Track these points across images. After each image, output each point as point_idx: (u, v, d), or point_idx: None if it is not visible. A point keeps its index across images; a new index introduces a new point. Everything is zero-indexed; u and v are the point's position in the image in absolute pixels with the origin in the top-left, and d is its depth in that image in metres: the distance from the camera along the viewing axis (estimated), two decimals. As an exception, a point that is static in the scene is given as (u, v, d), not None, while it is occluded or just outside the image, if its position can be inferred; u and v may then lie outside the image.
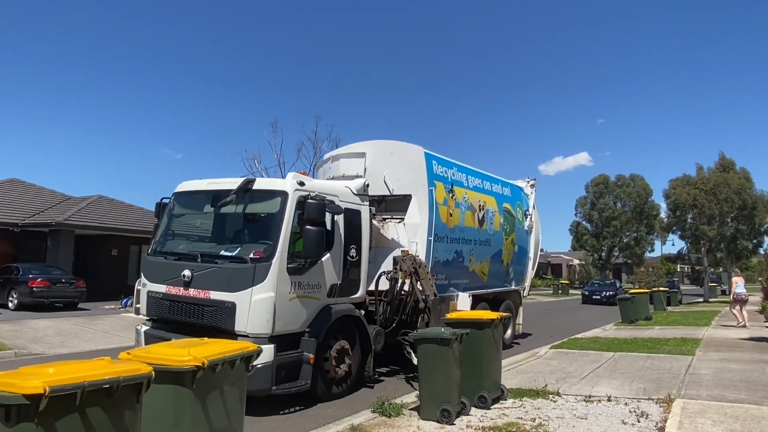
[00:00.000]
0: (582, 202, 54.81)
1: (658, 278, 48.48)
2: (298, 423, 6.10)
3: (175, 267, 6.99)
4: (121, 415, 2.76)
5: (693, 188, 36.32)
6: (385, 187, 9.00)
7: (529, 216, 13.16)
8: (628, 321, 18.16)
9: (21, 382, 2.41)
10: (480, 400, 6.44)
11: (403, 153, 9.32)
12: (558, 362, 9.98)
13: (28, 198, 24.91)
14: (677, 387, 7.62)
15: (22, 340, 11.43)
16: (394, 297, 8.27)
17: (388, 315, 8.30)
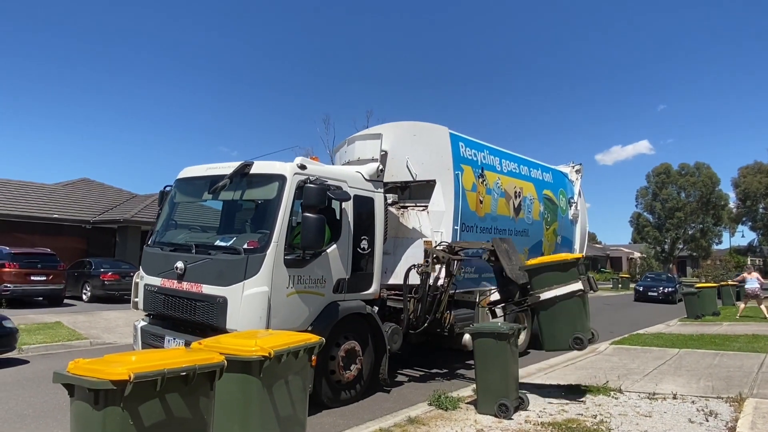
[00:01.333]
0: (643, 192, 52.81)
1: (727, 272, 46.07)
2: (357, 414, 6.22)
3: (170, 259, 6.50)
4: (197, 401, 2.92)
5: (765, 176, 34.28)
6: (408, 172, 8.36)
7: (573, 204, 12.28)
8: (694, 316, 17.39)
9: (107, 369, 2.61)
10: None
11: (426, 135, 8.54)
12: (619, 358, 9.70)
13: (98, 196, 26.42)
14: (749, 386, 7.26)
15: (96, 330, 12.14)
16: (426, 293, 7.49)
17: (420, 313, 7.58)
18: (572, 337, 6.46)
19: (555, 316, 6.64)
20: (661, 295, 27.69)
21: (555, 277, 6.67)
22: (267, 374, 3.52)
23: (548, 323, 6.75)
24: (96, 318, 13.66)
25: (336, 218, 6.70)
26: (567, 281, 6.60)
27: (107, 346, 10.67)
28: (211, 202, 7.32)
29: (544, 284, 6.71)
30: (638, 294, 28.86)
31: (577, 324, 6.58)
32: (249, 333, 4.25)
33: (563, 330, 6.59)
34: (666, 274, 35.20)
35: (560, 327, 6.61)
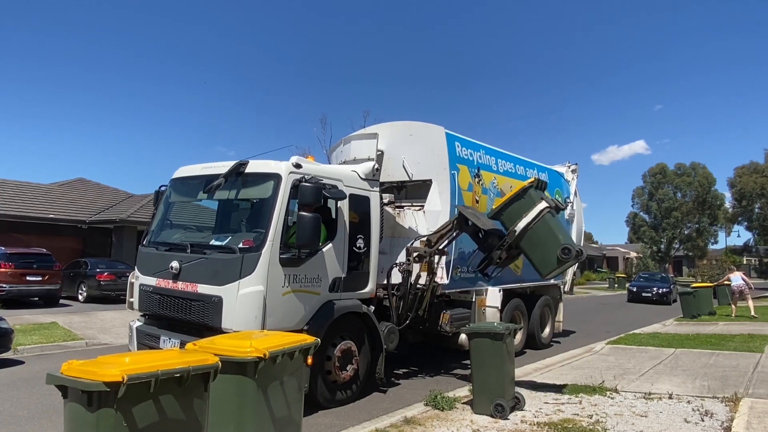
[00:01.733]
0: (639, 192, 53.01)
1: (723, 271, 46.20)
2: (353, 414, 6.21)
3: (165, 258, 6.50)
4: (191, 403, 2.91)
5: (761, 176, 34.41)
6: (404, 172, 8.36)
7: (569, 204, 12.26)
8: (690, 316, 17.45)
9: (101, 371, 2.59)
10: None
11: (422, 134, 8.54)
12: (615, 358, 9.72)
13: (94, 196, 26.34)
14: (744, 385, 7.29)
15: (91, 330, 12.10)
16: (408, 291, 7.54)
17: (401, 311, 7.62)
18: (560, 249, 6.57)
19: (537, 240, 6.80)
20: (656, 295, 26.73)
21: (519, 207, 6.88)
22: (262, 375, 3.51)
23: (534, 250, 6.87)
24: (92, 318, 13.62)
25: (332, 217, 6.71)
26: (531, 207, 6.81)
27: (103, 347, 10.64)
28: (207, 201, 7.27)
29: (514, 218, 6.88)
30: (632, 295, 27.87)
31: (560, 236, 6.75)
32: (244, 334, 4.25)
33: (549, 248, 6.70)
34: (660, 274, 33.86)
35: (546, 247, 6.74)
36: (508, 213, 6.97)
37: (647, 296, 26.70)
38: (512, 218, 6.92)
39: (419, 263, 7.55)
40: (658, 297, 26.49)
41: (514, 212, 6.92)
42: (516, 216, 6.88)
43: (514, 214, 6.90)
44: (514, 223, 6.86)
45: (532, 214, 6.76)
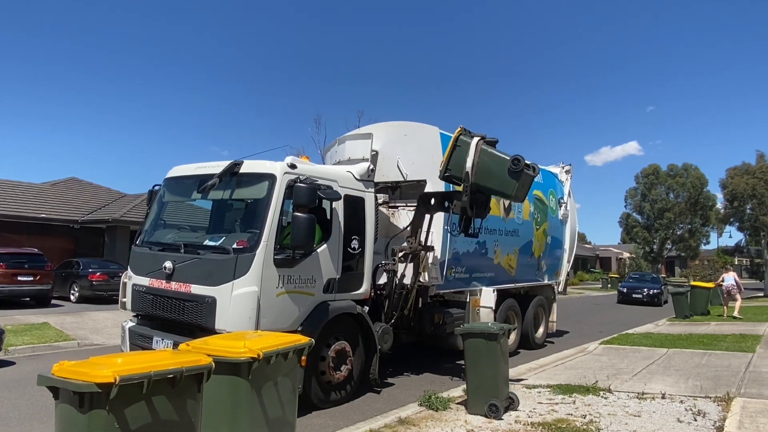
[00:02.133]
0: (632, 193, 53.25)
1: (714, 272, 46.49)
2: (347, 414, 6.20)
3: (158, 258, 6.45)
4: (184, 404, 2.89)
5: (752, 177, 34.67)
6: (399, 172, 8.38)
7: (563, 204, 12.32)
8: (682, 316, 17.54)
9: (93, 372, 2.57)
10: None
11: (416, 135, 8.53)
12: (608, 358, 9.76)
13: (86, 196, 26.19)
14: (736, 385, 7.33)
15: (84, 331, 12.02)
16: (393, 290, 7.58)
17: (387, 310, 7.61)
18: (509, 163, 6.83)
19: (487, 168, 7.03)
20: (646, 297, 26.15)
21: (459, 154, 7.18)
22: (256, 376, 3.49)
23: (489, 178, 7.06)
24: (84, 319, 13.52)
25: (326, 218, 6.69)
26: (467, 147, 7.12)
27: (95, 347, 10.57)
28: (201, 201, 7.25)
29: (461, 165, 7.14)
30: (622, 296, 27.10)
31: (504, 157, 6.97)
32: (237, 334, 4.22)
33: (500, 169, 6.96)
34: (651, 275, 33.09)
35: (497, 170, 6.99)
36: (454, 166, 7.22)
37: (638, 297, 26.21)
38: (460, 167, 7.14)
39: (404, 262, 7.56)
40: (648, 298, 26.00)
41: (458, 162, 7.17)
42: (461, 162, 7.12)
43: (459, 162, 7.15)
44: (463, 168, 7.08)
45: (472, 151, 7.03)
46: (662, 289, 26.79)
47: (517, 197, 7.27)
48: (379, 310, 7.64)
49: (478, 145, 7.05)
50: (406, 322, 8.11)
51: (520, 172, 6.80)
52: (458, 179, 7.27)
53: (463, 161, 7.10)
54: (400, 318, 7.81)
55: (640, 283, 28.01)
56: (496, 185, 7.09)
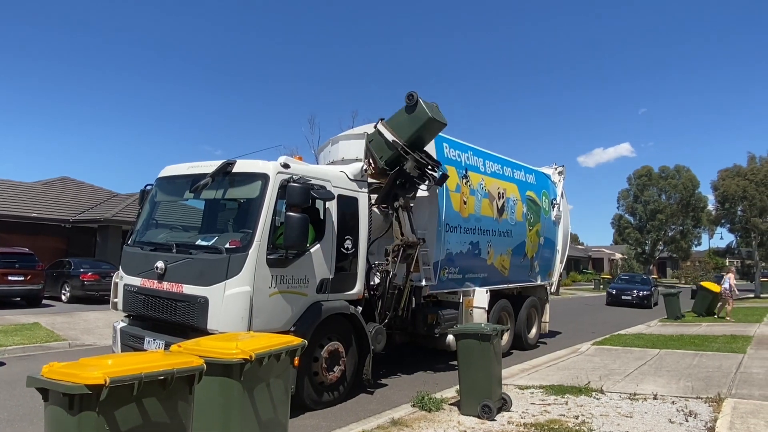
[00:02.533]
0: (624, 194, 53.53)
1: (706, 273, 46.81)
2: (339, 416, 6.18)
3: (150, 258, 6.41)
4: (175, 406, 2.86)
5: (743, 179, 34.89)
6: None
7: (556, 205, 12.39)
8: (674, 317, 17.64)
9: (83, 373, 2.54)
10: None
11: None
12: (601, 359, 9.79)
13: (78, 195, 26.00)
14: (727, 386, 7.37)
15: (75, 331, 11.93)
16: (386, 291, 7.60)
17: (380, 311, 7.62)
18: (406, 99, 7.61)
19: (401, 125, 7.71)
20: (636, 298, 25.44)
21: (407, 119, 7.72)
22: (248, 377, 3.47)
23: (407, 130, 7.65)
24: (75, 319, 13.42)
25: (319, 218, 6.68)
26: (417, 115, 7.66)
27: (86, 348, 10.49)
28: (193, 201, 7.22)
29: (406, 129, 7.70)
30: (611, 297, 26.27)
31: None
32: (229, 335, 4.20)
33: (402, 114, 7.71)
34: (642, 276, 32.38)
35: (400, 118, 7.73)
36: (382, 152, 7.74)
37: (627, 299, 25.52)
38: (386, 149, 7.68)
39: (396, 261, 7.59)
40: (638, 300, 25.32)
41: (381, 148, 7.72)
42: (384, 145, 7.70)
43: (383, 146, 7.70)
44: (388, 147, 7.66)
45: (383, 130, 7.71)
46: (652, 290, 26.24)
47: (433, 117, 7.58)
48: (372, 311, 7.63)
49: (382, 123, 7.78)
50: (400, 322, 8.11)
51: (416, 103, 7.49)
52: (395, 155, 7.66)
53: (384, 143, 7.65)
54: (393, 318, 7.82)
55: (630, 285, 27.34)
56: (415, 125, 7.57)
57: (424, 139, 7.87)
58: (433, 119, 7.56)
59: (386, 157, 7.70)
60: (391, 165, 7.71)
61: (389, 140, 7.62)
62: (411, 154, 7.58)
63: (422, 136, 7.73)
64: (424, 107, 7.53)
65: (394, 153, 7.63)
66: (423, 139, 7.82)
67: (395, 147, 7.58)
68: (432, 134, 7.97)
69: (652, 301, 25.44)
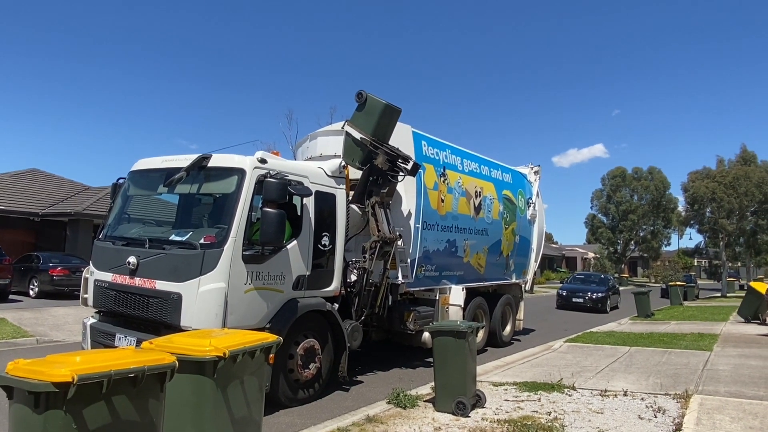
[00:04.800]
0: (598, 194, 54.41)
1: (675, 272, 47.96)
2: (315, 413, 6.16)
3: (122, 253, 6.29)
4: (146, 404, 2.80)
5: (712, 181, 35.79)
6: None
7: (532, 205, 12.53)
8: (644, 315, 18.04)
9: (49, 370, 2.46)
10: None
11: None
12: (573, 356, 9.94)
13: (48, 188, 25.31)
14: (695, 383, 7.56)
15: (43, 327, 11.65)
16: (363, 288, 7.59)
17: (357, 308, 7.61)
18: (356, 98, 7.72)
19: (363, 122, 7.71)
20: (589, 301, 21.97)
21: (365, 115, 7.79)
22: (221, 375, 3.42)
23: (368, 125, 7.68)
24: (43, 315, 13.10)
25: (297, 214, 6.64)
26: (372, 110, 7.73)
27: (55, 344, 10.25)
28: (167, 195, 7.07)
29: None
30: (561, 300, 22.86)
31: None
32: (203, 332, 4.13)
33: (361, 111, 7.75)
34: (600, 275, 27.85)
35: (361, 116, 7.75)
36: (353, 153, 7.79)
37: (578, 302, 22.05)
38: (357, 149, 7.74)
39: (373, 258, 7.58)
40: (591, 303, 21.88)
41: (353, 148, 7.78)
42: (355, 145, 7.76)
43: (354, 147, 7.77)
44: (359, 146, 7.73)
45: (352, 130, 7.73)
46: (607, 293, 22.67)
47: (387, 104, 7.64)
48: (349, 308, 7.61)
49: (348, 125, 7.82)
50: (376, 319, 8.12)
51: (365, 99, 7.62)
52: (366, 152, 7.71)
53: (354, 143, 7.72)
54: (370, 315, 7.82)
55: (584, 285, 23.74)
56: (373, 117, 7.60)
57: (388, 129, 7.84)
58: (389, 105, 7.63)
59: (358, 158, 7.71)
60: (364, 164, 7.73)
61: (357, 138, 7.65)
62: (380, 147, 7.62)
63: (384, 124, 7.71)
64: (375, 99, 7.62)
65: (364, 150, 7.63)
66: (386, 129, 7.81)
67: (364, 143, 7.60)
68: (392, 121, 7.94)
69: (608, 305, 22.40)
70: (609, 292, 22.98)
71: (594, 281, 24.89)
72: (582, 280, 25.60)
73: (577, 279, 26.27)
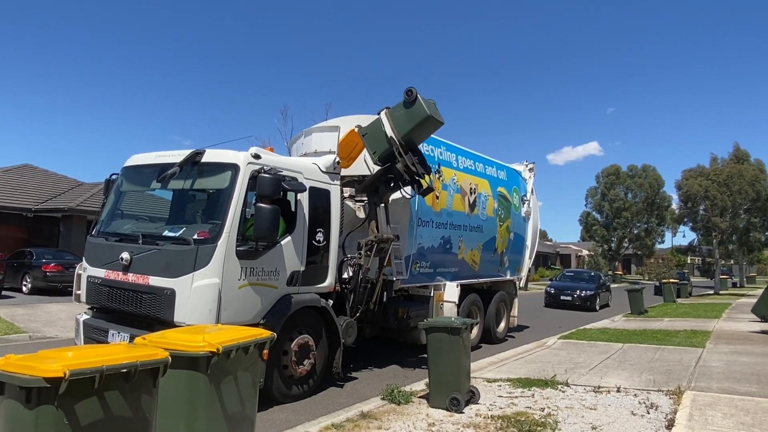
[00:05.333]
0: (592, 192, 54.54)
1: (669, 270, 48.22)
2: (309, 409, 6.16)
3: (115, 249, 6.28)
4: (138, 399, 2.79)
5: (705, 179, 35.96)
6: (365, 166, 8.28)
7: (526, 202, 12.54)
8: (638, 312, 18.14)
9: (41, 366, 2.45)
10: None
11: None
12: (566, 353, 9.98)
13: (41, 183, 25.16)
14: (687, 379, 7.60)
15: (36, 323, 11.59)
16: (358, 284, 7.58)
17: (352, 304, 7.62)
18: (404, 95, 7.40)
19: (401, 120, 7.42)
20: (578, 299, 21.31)
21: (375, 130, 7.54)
22: (215, 370, 3.41)
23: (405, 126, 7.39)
24: (36, 311, 13.04)
25: (291, 210, 6.61)
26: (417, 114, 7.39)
27: (48, 341, 10.20)
28: (160, 191, 7.04)
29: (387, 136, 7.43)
30: (549, 298, 22.28)
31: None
32: (196, 328, 4.12)
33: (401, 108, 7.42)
34: (590, 272, 26.52)
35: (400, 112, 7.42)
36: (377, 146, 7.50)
37: (566, 300, 21.40)
38: (381, 142, 7.43)
39: (370, 255, 7.55)
40: (580, 301, 21.25)
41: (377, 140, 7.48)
42: (380, 138, 7.44)
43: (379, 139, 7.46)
44: (384, 140, 7.41)
45: (384, 120, 7.42)
46: (596, 291, 22.00)
47: (430, 115, 7.34)
48: (343, 304, 7.60)
49: (385, 114, 7.49)
50: (371, 316, 8.11)
51: (414, 98, 7.31)
52: (389, 152, 7.45)
53: (384, 136, 7.44)
54: (365, 312, 7.81)
55: (573, 283, 23.09)
56: (412, 122, 7.36)
57: (419, 138, 7.71)
58: (431, 117, 7.33)
59: (380, 153, 7.50)
60: (383, 161, 7.58)
61: (388, 134, 7.39)
62: (404, 156, 7.39)
63: (418, 133, 7.55)
64: (422, 104, 7.30)
65: (388, 148, 7.43)
66: (418, 138, 7.66)
67: (392, 142, 7.37)
68: (427, 133, 7.83)
69: (597, 303, 21.68)
70: (598, 289, 22.34)
71: (583, 279, 24.03)
72: (571, 277, 24.75)
73: (566, 276, 25.38)
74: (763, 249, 44.61)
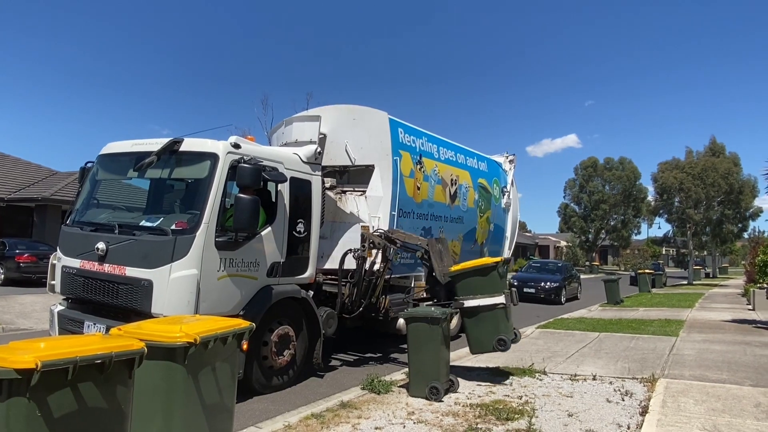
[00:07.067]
0: (571, 184, 55.25)
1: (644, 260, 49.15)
2: (289, 399, 6.15)
3: (90, 239, 6.16)
4: (113, 391, 2.75)
5: (680, 172, 36.64)
6: (347, 156, 8.27)
7: (506, 193, 12.59)
8: (614, 302, 18.46)
9: (12, 357, 2.40)
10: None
11: (366, 119, 8.45)
12: (544, 342, 10.12)
13: (14, 172, 24.55)
14: (661, 367, 7.77)
15: (9, 315, 11.36)
16: (362, 278, 7.52)
17: (355, 298, 7.59)
18: (496, 340, 6.66)
19: (479, 322, 6.81)
20: (541, 291, 19.77)
21: (477, 283, 6.80)
22: (192, 361, 3.38)
23: (473, 328, 6.89)
24: (10, 302, 12.78)
25: (271, 200, 6.56)
26: (490, 291, 6.73)
27: (22, 332, 10.01)
28: (137, 180, 6.91)
29: (467, 291, 6.84)
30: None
31: (501, 327, 6.76)
32: (174, 318, 4.07)
33: (487, 334, 6.74)
34: (557, 263, 24.82)
35: (485, 331, 6.77)
36: (465, 282, 6.89)
37: (530, 293, 19.66)
38: (465, 289, 6.87)
39: (375, 251, 7.52)
40: (545, 294, 19.76)
41: (470, 283, 6.87)
42: (470, 289, 6.83)
43: (470, 286, 6.86)
44: (467, 296, 6.81)
45: (487, 302, 6.71)
46: (562, 283, 20.34)
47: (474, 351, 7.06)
48: (326, 295, 7.58)
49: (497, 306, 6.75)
50: (372, 309, 8.07)
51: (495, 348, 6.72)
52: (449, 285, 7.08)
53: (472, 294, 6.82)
54: (366, 306, 7.77)
55: (538, 274, 21.53)
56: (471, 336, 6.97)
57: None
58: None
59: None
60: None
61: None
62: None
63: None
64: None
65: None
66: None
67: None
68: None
69: (563, 295, 20.04)
70: (565, 281, 20.76)
71: (549, 270, 22.29)
72: (537, 268, 23.16)
73: (533, 267, 23.73)
74: (736, 240, 45.74)
